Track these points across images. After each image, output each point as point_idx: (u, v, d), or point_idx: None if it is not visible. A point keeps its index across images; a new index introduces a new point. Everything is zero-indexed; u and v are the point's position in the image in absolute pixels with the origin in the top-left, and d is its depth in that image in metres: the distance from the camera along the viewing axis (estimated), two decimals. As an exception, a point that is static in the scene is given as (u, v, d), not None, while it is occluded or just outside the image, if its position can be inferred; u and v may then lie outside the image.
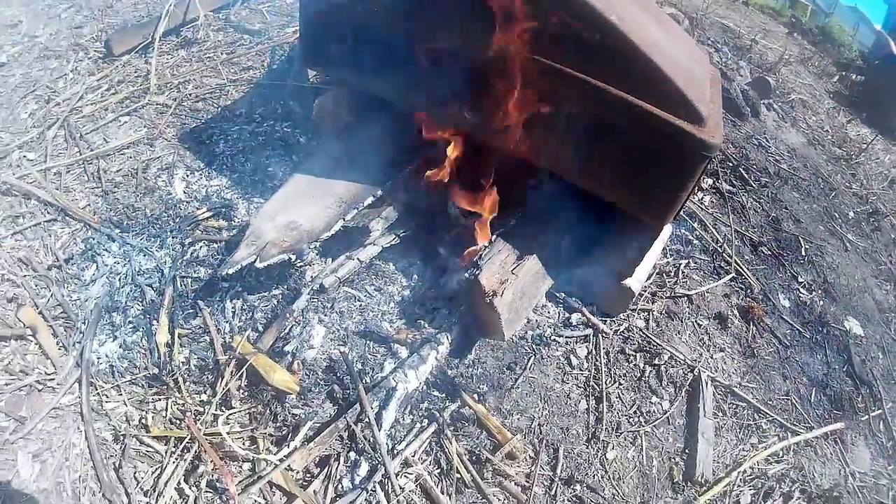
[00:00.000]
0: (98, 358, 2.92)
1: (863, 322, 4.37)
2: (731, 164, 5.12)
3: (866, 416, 3.74)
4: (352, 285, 3.28)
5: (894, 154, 7.73)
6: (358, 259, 3.23)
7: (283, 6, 5.80)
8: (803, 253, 4.67)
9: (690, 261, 4.09)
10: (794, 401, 3.60)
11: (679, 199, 2.85)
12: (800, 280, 4.43)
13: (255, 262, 2.92)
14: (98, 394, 2.80)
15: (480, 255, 3.09)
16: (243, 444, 2.69)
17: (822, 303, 4.34)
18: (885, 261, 5.25)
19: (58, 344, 2.96)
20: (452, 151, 3.23)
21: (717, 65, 6.44)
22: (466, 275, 3.02)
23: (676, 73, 2.67)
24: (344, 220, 3.21)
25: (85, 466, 2.57)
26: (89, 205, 3.63)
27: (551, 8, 2.66)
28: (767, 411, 3.44)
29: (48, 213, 3.53)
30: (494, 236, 3.22)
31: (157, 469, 2.60)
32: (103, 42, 4.91)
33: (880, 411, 3.81)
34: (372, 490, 2.55)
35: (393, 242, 3.35)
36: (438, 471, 2.73)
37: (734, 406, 3.43)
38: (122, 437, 2.67)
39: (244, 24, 5.41)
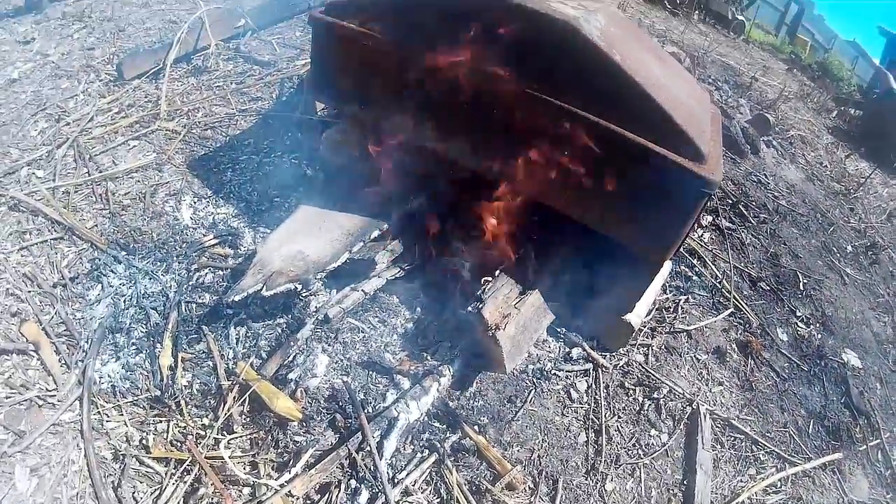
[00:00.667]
0: (100, 377, 2.94)
1: (861, 354, 4.41)
2: (730, 201, 5.18)
3: (864, 446, 3.76)
4: (356, 316, 3.30)
5: (892, 188, 7.82)
6: (363, 291, 3.26)
7: (292, 38, 5.88)
8: (801, 287, 4.71)
9: (690, 297, 4.14)
10: (791, 432, 3.62)
11: (679, 235, 2.88)
12: (798, 314, 4.47)
13: (261, 290, 2.96)
14: (99, 412, 2.82)
15: (484, 289, 3.13)
16: (244, 468, 2.70)
17: (820, 336, 4.38)
18: (883, 293, 5.30)
19: (60, 361, 2.97)
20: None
21: (717, 103, 6.53)
22: (470, 308, 3.06)
23: (677, 111, 2.73)
24: (350, 252, 3.25)
25: (83, 484, 2.58)
26: (96, 225, 3.65)
27: (555, 47, 2.73)
28: (765, 443, 3.47)
29: (55, 231, 3.55)
30: (497, 272, 3.26)
31: (156, 490, 2.61)
32: (115, 65, 4.98)
33: (878, 441, 3.83)
34: (372, 518, 2.56)
35: (398, 275, 3.39)
36: (438, 500, 2.74)
37: (732, 438, 3.45)
38: (121, 457, 2.68)
39: (254, 54, 5.48)
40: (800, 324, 4.41)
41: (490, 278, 3.19)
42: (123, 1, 6.13)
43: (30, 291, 3.22)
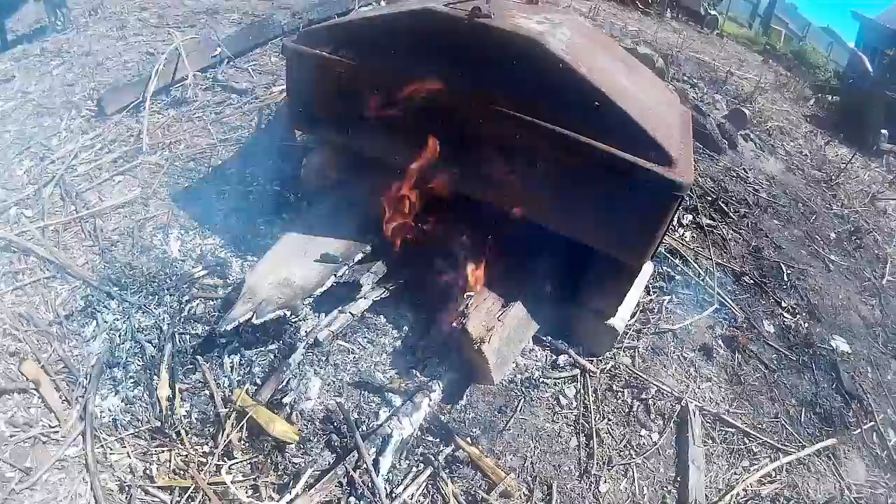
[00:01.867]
0: (101, 411, 2.98)
1: (849, 339, 4.46)
2: (709, 199, 5.24)
3: (859, 430, 3.80)
4: (345, 338, 3.35)
5: (873, 170, 7.89)
6: (350, 313, 3.31)
7: (268, 64, 5.92)
8: (786, 278, 4.77)
9: (673, 296, 4.20)
10: (783, 422, 3.67)
11: (655, 238, 2.95)
12: (783, 305, 4.52)
13: (251, 318, 3.02)
14: (102, 446, 2.86)
15: (467, 303, 3.18)
16: (246, 492, 2.75)
17: (806, 325, 4.42)
18: (869, 276, 5.35)
19: (61, 398, 3.02)
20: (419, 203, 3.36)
21: (693, 100, 6.60)
22: (454, 324, 3.11)
23: (645, 118, 2.80)
24: (336, 276, 3.30)
25: (91, 516, 2.62)
26: (87, 262, 3.70)
27: (522, 64, 2.80)
28: (757, 434, 3.52)
29: (47, 269, 3.59)
30: (479, 286, 3.32)
31: (162, 518, 2.65)
32: (95, 101, 5.00)
33: (872, 423, 3.87)
34: (372, 534, 2.61)
35: (383, 296, 3.44)
36: (436, 512, 2.80)
37: (723, 432, 3.50)
38: (127, 488, 2.72)
39: (231, 83, 5.52)
40: (786, 314, 4.46)
41: (472, 293, 3.25)
42: (100, 34, 6.17)
43: (26, 331, 3.26)
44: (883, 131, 8.57)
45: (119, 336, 3.29)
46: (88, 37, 6.07)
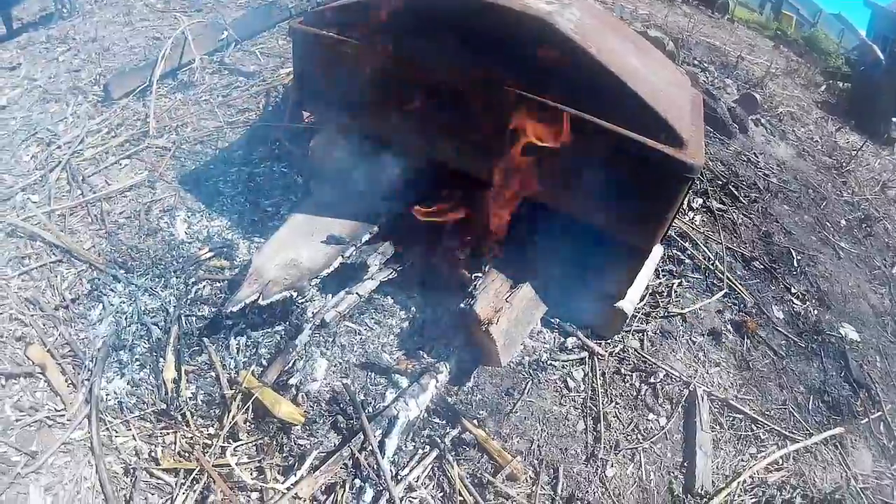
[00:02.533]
0: (106, 394, 2.99)
1: (858, 327, 4.43)
2: (720, 182, 5.20)
3: (866, 419, 3.78)
4: (352, 319, 3.35)
5: (884, 159, 7.82)
6: (357, 294, 3.29)
7: (275, 47, 5.90)
8: (795, 264, 4.74)
9: (683, 280, 4.17)
10: (791, 409, 3.65)
11: (665, 220, 2.92)
12: (793, 291, 4.49)
13: (258, 299, 3.01)
14: (107, 429, 2.87)
15: (475, 284, 3.17)
16: (251, 474, 2.75)
17: (816, 312, 4.40)
18: (880, 265, 5.32)
19: (66, 381, 3.02)
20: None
21: (703, 84, 6.54)
22: (462, 305, 3.10)
23: (655, 99, 2.76)
24: (343, 256, 3.29)
25: (97, 499, 2.63)
26: (94, 246, 3.70)
27: (532, 42, 2.77)
28: (765, 421, 3.50)
29: (54, 254, 3.59)
30: (487, 266, 3.30)
31: (167, 500, 2.66)
32: (102, 86, 5.01)
33: (880, 413, 3.85)
34: (377, 516, 2.61)
35: (390, 276, 3.42)
36: (441, 494, 2.79)
37: (731, 418, 3.48)
38: (132, 471, 2.73)
39: (238, 66, 5.50)
40: (795, 300, 4.43)
41: (480, 274, 3.23)
42: (106, 20, 6.16)
43: (33, 315, 3.26)
44: (894, 119, 8.50)
45: (125, 319, 3.29)
46: (94, 23, 6.06)
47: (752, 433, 3.46)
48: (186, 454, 2.81)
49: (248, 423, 2.90)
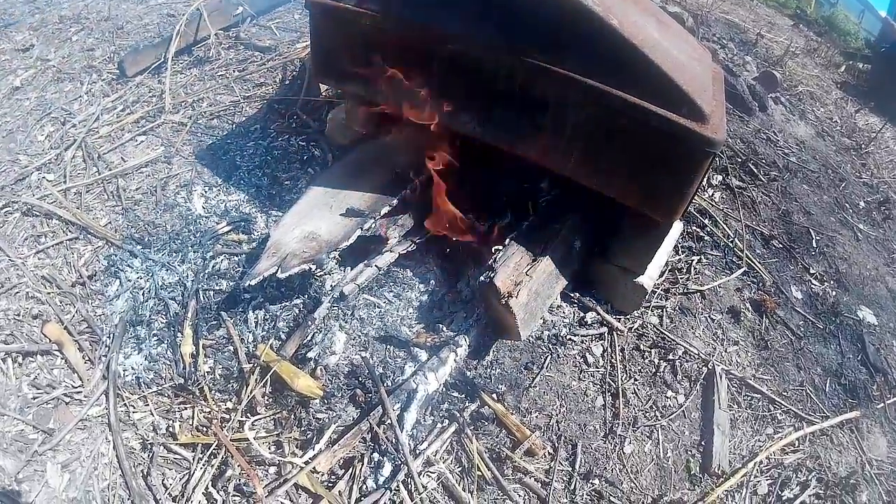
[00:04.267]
0: (124, 370, 3.01)
1: (876, 311, 4.37)
2: (739, 160, 5.12)
3: (882, 404, 3.74)
4: (371, 292, 3.33)
5: (903, 142, 7.70)
6: (376, 266, 3.28)
7: (291, 22, 5.87)
8: (814, 245, 4.68)
9: (702, 257, 4.13)
10: (808, 391, 3.62)
11: (687, 195, 2.88)
12: (811, 271, 4.44)
13: (276, 272, 3.00)
14: (125, 405, 2.90)
15: (495, 257, 3.14)
16: (269, 448, 2.76)
17: (834, 293, 4.35)
18: (898, 249, 5.24)
19: (84, 358, 3.05)
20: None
21: (722, 61, 6.44)
22: (482, 277, 3.07)
23: (677, 72, 2.72)
24: (362, 229, 3.27)
25: (114, 475, 2.66)
26: (110, 223, 3.71)
27: (552, 15, 2.73)
28: (782, 402, 3.47)
29: (70, 231, 3.61)
30: (508, 240, 3.27)
31: (185, 475, 2.69)
32: (116, 63, 5.02)
33: (896, 398, 3.82)
34: (395, 489, 2.62)
35: (409, 249, 3.40)
36: (460, 469, 2.79)
37: (749, 398, 3.46)
38: (149, 446, 2.76)
39: (254, 41, 5.48)
40: (814, 281, 4.38)
41: (501, 247, 3.21)
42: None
43: (49, 293, 3.29)
44: (914, 102, 8.37)
45: (142, 294, 3.32)
46: (107, 2, 6.06)
47: (769, 413, 3.43)
48: (204, 429, 2.83)
49: (265, 398, 2.92)
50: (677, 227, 3.76)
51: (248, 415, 2.85)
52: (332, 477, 2.70)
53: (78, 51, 5.34)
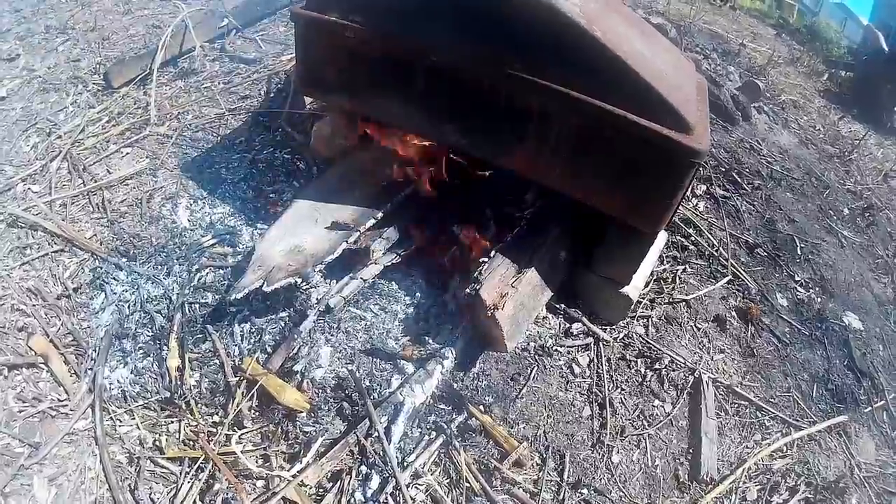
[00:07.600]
0: (110, 383, 2.98)
1: (861, 316, 4.41)
2: (723, 169, 5.17)
3: (869, 408, 3.78)
4: (357, 305, 3.32)
5: (887, 148, 7.79)
6: (362, 278, 3.28)
7: (276, 34, 5.84)
8: (799, 252, 4.72)
9: (687, 266, 4.15)
10: (795, 397, 3.65)
11: (671, 205, 2.90)
12: (797, 279, 4.48)
13: (262, 286, 2.99)
14: (111, 418, 2.87)
15: (480, 270, 3.15)
16: (257, 461, 2.75)
17: (819, 300, 4.39)
18: (882, 254, 5.29)
19: (69, 371, 3.02)
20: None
21: (706, 71, 6.50)
22: (468, 290, 3.08)
23: (661, 83, 2.74)
24: (347, 242, 3.27)
25: (101, 489, 2.63)
26: (96, 235, 3.68)
27: (534, 26, 2.74)
28: (770, 408, 3.50)
29: (55, 243, 3.57)
30: (493, 251, 3.28)
31: (172, 489, 2.66)
32: (102, 74, 4.97)
33: (883, 402, 3.85)
34: (384, 502, 2.60)
35: (395, 261, 3.41)
36: (448, 481, 2.78)
37: (736, 405, 3.48)
38: (136, 460, 2.73)
39: (239, 53, 5.46)
40: (799, 288, 4.42)
41: (486, 259, 3.22)
42: (105, 9, 6.10)
43: (35, 305, 3.25)
44: (897, 109, 8.47)
45: (128, 307, 3.29)
46: (94, 12, 6.00)
47: (756, 420, 3.46)
48: (191, 442, 2.81)
49: (252, 411, 2.90)
50: (662, 237, 3.78)
51: (235, 428, 2.83)
52: (321, 490, 2.68)
53: (64, 61, 5.29)
